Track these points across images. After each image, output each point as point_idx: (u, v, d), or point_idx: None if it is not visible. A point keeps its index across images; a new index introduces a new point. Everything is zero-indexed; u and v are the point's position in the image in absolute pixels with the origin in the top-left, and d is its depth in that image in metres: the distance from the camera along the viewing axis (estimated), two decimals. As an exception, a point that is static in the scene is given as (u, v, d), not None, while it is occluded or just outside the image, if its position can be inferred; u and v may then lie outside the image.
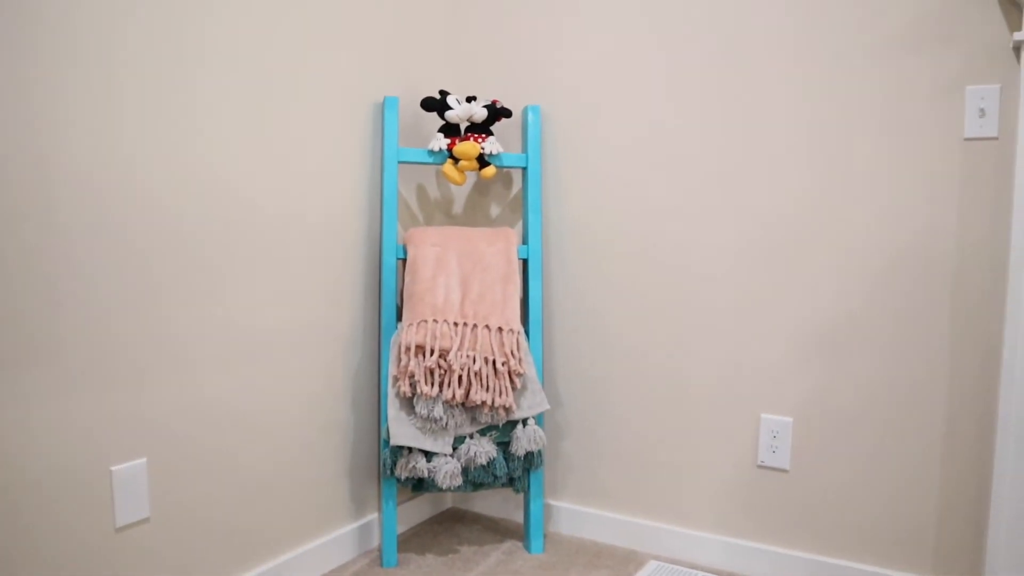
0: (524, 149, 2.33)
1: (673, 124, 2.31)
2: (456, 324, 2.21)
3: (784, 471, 2.17)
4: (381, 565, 2.27)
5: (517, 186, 2.45)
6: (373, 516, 2.41)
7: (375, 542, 2.42)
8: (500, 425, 2.23)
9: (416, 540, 2.47)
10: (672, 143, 2.32)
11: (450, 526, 2.58)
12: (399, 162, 2.27)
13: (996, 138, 1.90)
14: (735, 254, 2.26)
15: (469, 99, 2.31)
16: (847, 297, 2.13)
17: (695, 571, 2.23)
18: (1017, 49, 1.83)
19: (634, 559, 2.32)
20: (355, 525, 2.36)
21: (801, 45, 2.11)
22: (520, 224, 2.43)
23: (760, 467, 2.19)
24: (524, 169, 2.32)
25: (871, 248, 2.11)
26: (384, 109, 2.28)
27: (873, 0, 2.05)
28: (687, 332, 2.34)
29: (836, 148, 2.11)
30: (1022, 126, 1.79)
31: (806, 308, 2.18)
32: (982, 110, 1.92)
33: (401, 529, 2.51)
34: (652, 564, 2.24)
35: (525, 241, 2.39)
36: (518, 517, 2.59)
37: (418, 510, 2.60)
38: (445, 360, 2.16)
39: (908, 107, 2.01)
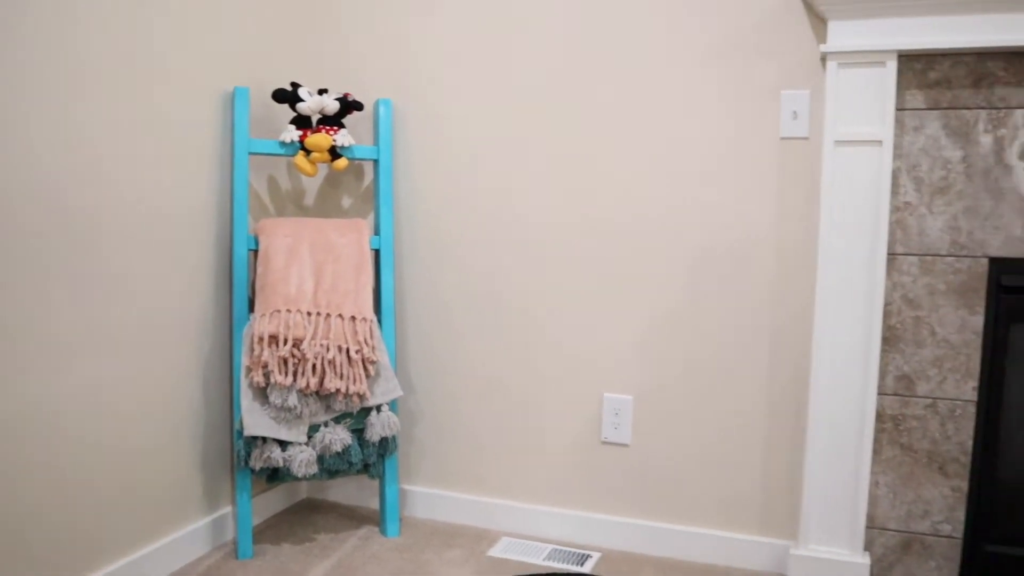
0: (376, 142, 2.45)
1: (521, 120, 2.52)
2: (309, 313, 2.31)
3: (625, 446, 2.40)
4: (236, 557, 2.35)
5: (369, 178, 2.57)
6: (227, 509, 2.48)
7: (230, 535, 2.48)
8: (354, 412, 2.35)
9: (272, 531, 2.55)
10: (520, 138, 2.53)
11: (306, 515, 2.67)
12: (250, 153, 2.35)
13: (807, 138, 2.18)
14: (580, 244, 2.50)
15: (321, 92, 2.41)
16: (681, 284, 2.41)
17: (546, 544, 2.43)
18: (823, 59, 2.10)
19: (487, 537, 2.49)
20: (208, 519, 2.41)
21: (641, 49, 2.38)
22: (372, 215, 2.53)
23: (604, 443, 2.41)
24: (376, 161, 2.44)
25: (702, 239, 2.39)
26: (234, 99, 2.34)
27: (702, 12, 2.31)
28: (535, 318, 2.55)
29: (671, 145, 2.39)
30: (827, 127, 2.07)
31: (645, 295, 2.45)
32: (795, 112, 2.20)
33: (256, 521, 2.58)
34: (504, 540, 2.42)
35: (377, 232, 2.52)
36: (374, 503, 2.72)
37: (274, 501, 2.69)
38: (299, 349, 2.25)
39: (734, 108, 2.31)
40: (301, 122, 2.35)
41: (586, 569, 2.23)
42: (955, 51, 2.02)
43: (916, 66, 2.06)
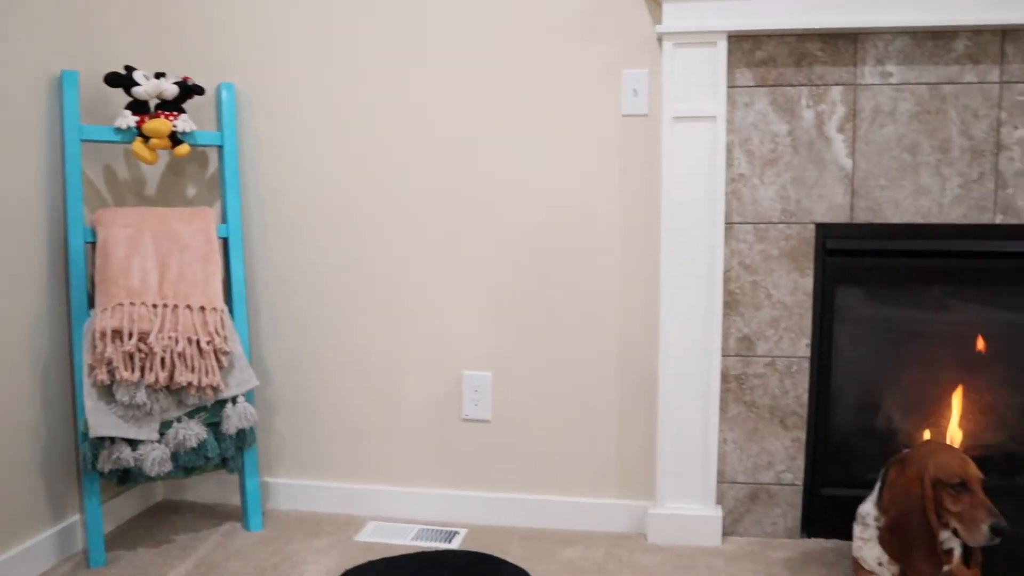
0: (219, 127, 2.41)
1: (370, 102, 2.54)
2: (155, 306, 2.25)
3: (487, 422, 2.48)
4: (88, 566, 2.25)
5: (214, 165, 2.53)
6: (75, 517, 2.39)
7: (80, 544, 2.38)
8: (209, 405, 2.32)
9: (126, 536, 2.48)
10: (370, 122, 2.55)
11: (164, 517, 2.61)
12: (82, 140, 2.27)
13: (647, 115, 2.30)
14: (433, 225, 2.55)
15: (158, 75, 2.34)
16: (530, 261, 2.51)
17: (413, 525, 2.48)
18: (660, 39, 2.22)
19: (354, 523, 2.51)
20: (55, 529, 2.32)
21: (486, 30, 2.44)
22: (219, 203, 2.48)
23: (465, 420, 2.49)
24: (220, 147, 2.40)
25: (549, 215, 2.49)
26: (63, 84, 2.24)
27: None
28: (392, 301, 2.59)
29: (517, 123, 2.47)
30: (665, 104, 2.19)
31: (496, 273, 2.52)
32: (635, 90, 2.32)
33: (109, 527, 2.50)
34: (372, 525, 2.45)
35: (225, 220, 2.48)
36: (236, 499, 2.69)
37: (127, 505, 2.62)
38: (145, 343, 2.20)
39: (578, 88, 2.42)
40: (138, 107, 2.29)
41: (454, 545, 2.29)
42: (778, 32, 2.20)
43: (744, 46, 2.21)
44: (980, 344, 2.39)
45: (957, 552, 1.92)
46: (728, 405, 2.29)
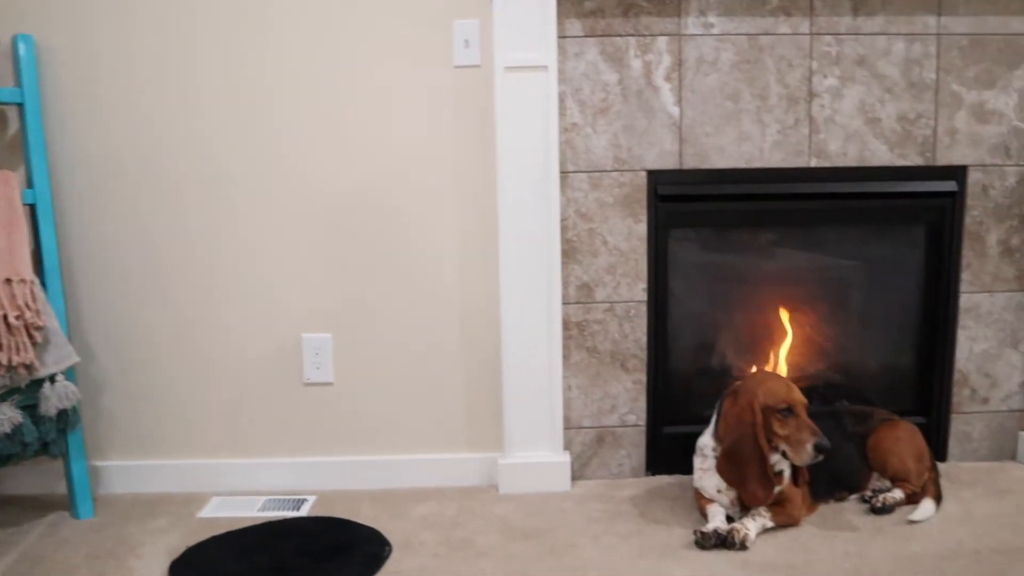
0: (18, 83, 2.22)
1: (189, 63, 2.42)
2: (-47, 281, 1.97)
3: (329, 384, 2.45)
4: None
5: (15, 125, 2.32)
6: None
7: None
8: (23, 386, 2.16)
9: (-65, 535, 2.17)
10: (189, 82, 2.43)
11: (-21, 513, 2.31)
12: None
13: (479, 65, 2.28)
14: (262, 187, 2.47)
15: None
16: (366, 219, 2.48)
17: (259, 497, 2.41)
18: None
19: (196, 500, 2.43)
20: None
21: None
22: (23, 167, 2.29)
23: (307, 384, 2.45)
24: (20, 105, 2.23)
25: (383, 170, 2.47)
26: None
27: None
28: (220, 267, 2.50)
29: (349, 77, 2.43)
30: (497, 54, 2.19)
31: (332, 230, 2.48)
32: (467, 41, 2.31)
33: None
34: (215, 500, 2.38)
35: (30, 185, 2.29)
36: (62, 488, 2.51)
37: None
38: (-56, 323, 1.92)
39: (409, 39, 2.40)
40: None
41: (303, 513, 2.26)
42: None
43: None
44: (801, 282, 2.54)
45: (787, 473, 2.05)
46: (571, 352, 2.34)
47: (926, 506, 2.18)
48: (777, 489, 2.05)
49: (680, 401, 2.47)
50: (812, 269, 2.53)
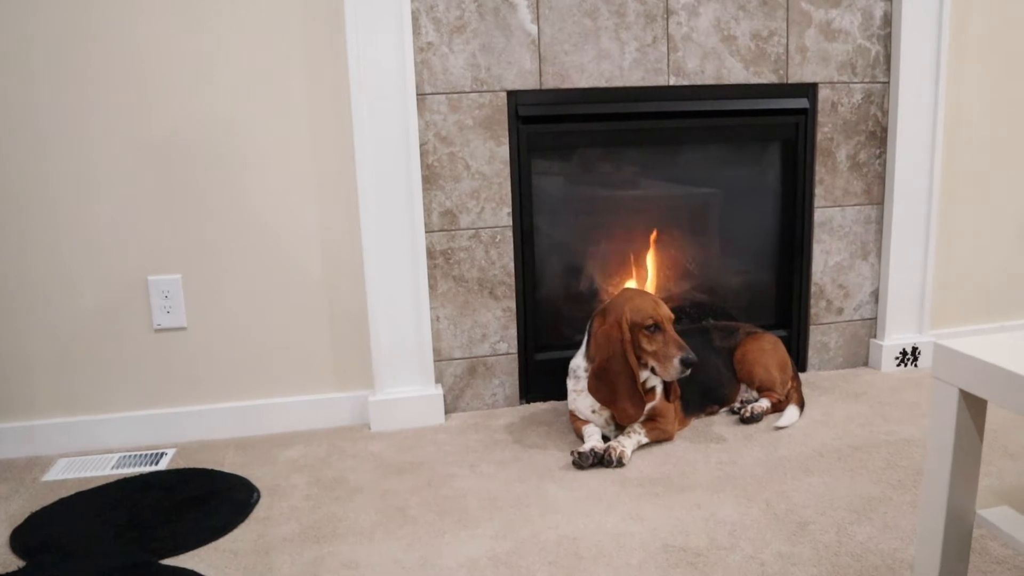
0: None
1: None
2: None
3: (183, 329, 2.23)
4: None
5: None
6: None
7: None
8: None
9: None
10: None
11: None
12: None
13: None
14: (105, 117, 2.25)
15: None
16: (215, 149, 2.31)
17: (113, 454, 2.20)
18: None
19: (39, 464, 2.24)
20: None
21: None
22: None
23: (158, 330, 2.22)
24: None
25: (234, 95, 2.29)
26: None
27: None
28: (60, 207, 2.25)
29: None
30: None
31: (177, 164, 2.29)
32: None
33: None
34: (62, 462, 2.18)
35: None
36: None
37: None
38: None
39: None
40: None
41: (161, 467, 2.08)
42: None
43: None
44: (665, 204, 2.51)
45: (659, 389, 2.03)
46: (437, 282, 2.24)
47: (791, 412, 2.23)
48: (650, 405, 2.04)
49: (551, 327, 2.42)
50: (674, 189, 2.50)
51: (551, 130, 2.26)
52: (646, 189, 2.47)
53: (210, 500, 1.93)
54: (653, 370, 1.96)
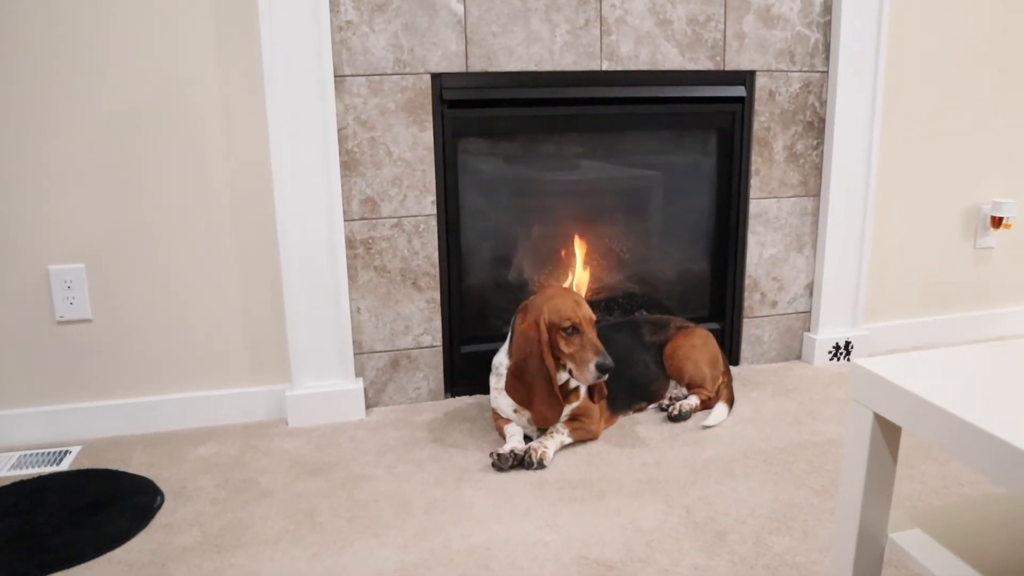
0: None
1: None
2: None
3: (88, 321, 2.05)
4: None
5: None
6: None
7: None
8: None
9: None
10: None
11: None
12: None
13: None
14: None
15: None
16: (122, 139, 2.12)
17: (11, 453, 2.09)
18: None
19: (-70, 461, 1.94)
20: None
21: None
22: None
23: (61, 322, 2.03)
24: None
25: (145, 92, 2.11)
26: None
27: None
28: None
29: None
30: None
31: (86, 150, 2.11)
32: None
33: None
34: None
35: None
36: None
37: None
38: None
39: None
40: None
41: (63, 467, 1.91)
42: None
43: None
44: (597, 192, 2.36)
45: (583, 389, 1.88)
46: (357, 272, 2.06)
47: (719, 410, 2.18)
48: (574, 405, 1.99)
49: (478, 318, 2.27)
50: (607, 178, 2.35)
51: (478, 115, 2.10)
52: (577, 176, 2.32)
53: (110, 505, 1.81)
54: (571, 372, 1.79)
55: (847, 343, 2.50)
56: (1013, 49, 2.62)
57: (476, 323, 2.31)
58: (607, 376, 1.87)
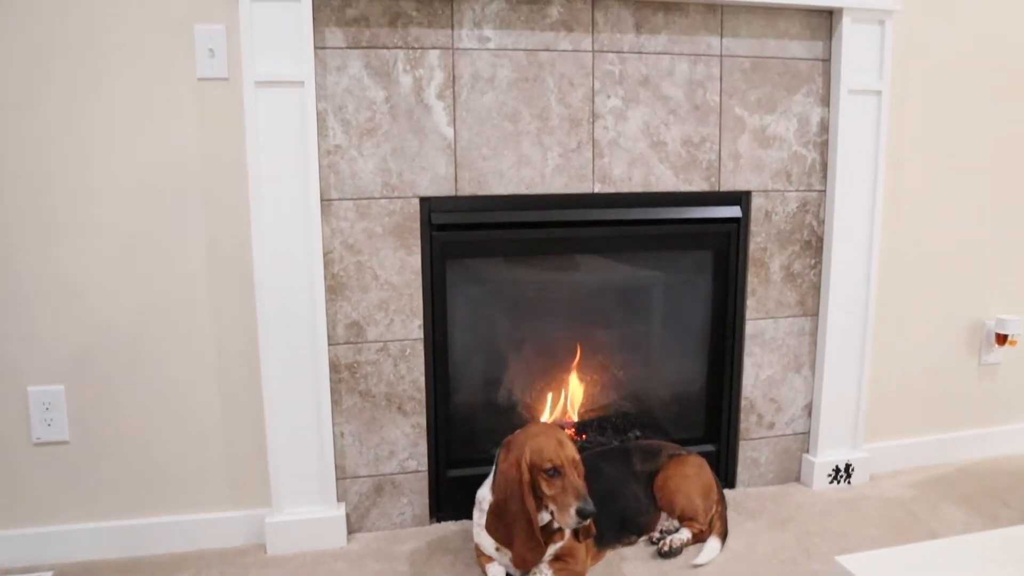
0: None
1: None
2: None
3: (65, 443, 2.03)
4: None
5: None
6: None
7: None
8: None
9: None
10: None
11: None
12: None
13: (227, 78, 1.85)
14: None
15: None
16: (103, 255, 2.06)
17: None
18: None
19: None
20: None
21: None
22: None
23: (38, 444, 2.01)
24: None
25: (126, 201, 2.07)
26: None
27: None
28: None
29: (83, 83, 2.00)
30: (246, 67, 1.77)
31: (65, 265, 2.06)
32: (211, 50, 1.89)
33: None
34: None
35: None
36: None
37: None
38: None
39: (144, 46, 2.00)
40: None
41: (32, 594, 1.77)
42: None
43: (333, 2, 1.86)
44: (589, 311, 2.42)
45: (567, 530, 1.75)
46: (342, 396, 1.97)
47: (711, 546, 2.10)
48: (559, 545, 1.90)
49: (466, 441, 2.19)
50: (601, 297, 2.29)
51: (466, 238, 2.07)
52: (569, 296, 2.25)
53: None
54: (552, 514, 1.68)
55: (847, 465, 2.38)
56: (1014, 162, 2.59)
57: (464, 446, 2.21)
58: (589, 521, 1.78)
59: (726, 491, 2.27)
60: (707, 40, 2.16)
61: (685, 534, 2.05)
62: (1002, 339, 2.60)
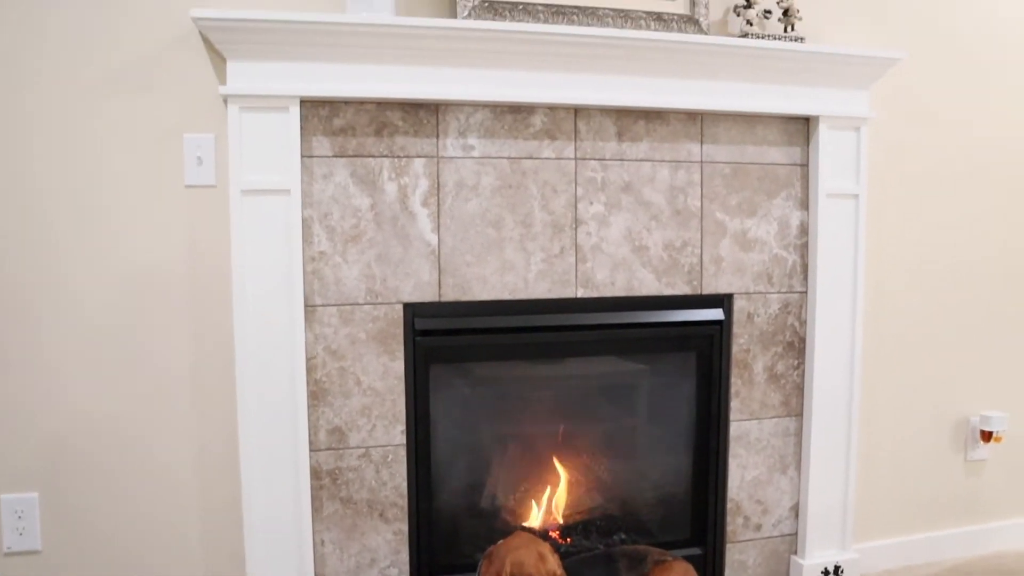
0: None
1: None
2: None
3: (36, 552, 1.96)
4: None
5: None
6: None
7: None
8: None
9: None
10: None
11: None
12: None
13: (214, 186, 1.86)
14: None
15: None
16: (86, 368, 2.09)
17: None
18: (225, 100, 1.78)
19: None
20: None
21: (30, 81, 1.99)
22: None
23: (8, 554, 1.93)
24: None
25: (111, 308, 2.08)
26: None
27: (81, 46, 1.98)
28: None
29: (74, 185, 2.04)
30: (233, 175, 1.78)
31: (46, 374, 2.06)
32: (200, 158, 1.89)
33: None
34: None
35: None
36: None
37: None
38: None
39: (134, 153, 2.03)
40: None
41: None
42: (357, 100, 2.03)
43: (321, 112, 1.88)
44: (573, 414, 2.41)
45: None
46: (322, 503, 1.92)
47: None
48: None
49: (449, 547, 2.15)
50: (585, 400, 2.26)
51: (450, 343, 2.07)
52: (553, 399, 2.22)
53: None
54: None
55: (836, 568, 2.32)
56: (995, 258, 2.65)
57: (446, 552, 2.16)
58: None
59: (714, 596, 2.21)
60: (688, 147, 2.18)
61: (669, 649, 1.97)
62: (987, 436, 2.57)
